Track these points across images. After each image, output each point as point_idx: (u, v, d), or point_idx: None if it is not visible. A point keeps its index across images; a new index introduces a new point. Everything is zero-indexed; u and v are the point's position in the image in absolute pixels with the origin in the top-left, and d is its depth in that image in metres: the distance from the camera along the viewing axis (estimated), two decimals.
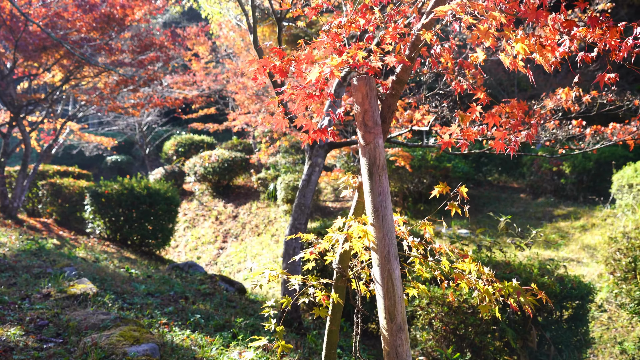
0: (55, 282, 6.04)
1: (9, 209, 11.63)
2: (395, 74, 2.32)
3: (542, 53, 1.92)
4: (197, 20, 24.65)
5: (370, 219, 2.12)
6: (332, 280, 2.67)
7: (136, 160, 24.66)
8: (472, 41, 1.95)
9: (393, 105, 2.35)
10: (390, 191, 7.05)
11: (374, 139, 2.14)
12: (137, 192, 11.38)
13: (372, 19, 2.41)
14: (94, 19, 10.08)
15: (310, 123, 2.41)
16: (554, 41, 2.15)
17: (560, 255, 11.89)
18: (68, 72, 11.18)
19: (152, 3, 10.65)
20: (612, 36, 2.05)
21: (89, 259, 8.73)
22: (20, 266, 6.94)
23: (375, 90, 2.18)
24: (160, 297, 6.64)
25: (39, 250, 8.34)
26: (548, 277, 5.79)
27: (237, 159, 18.10)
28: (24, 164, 11.85)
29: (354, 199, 2.49)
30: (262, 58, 5.72)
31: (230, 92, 18.48)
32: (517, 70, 2.30)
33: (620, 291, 8.87)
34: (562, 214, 14.49)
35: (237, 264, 15.00)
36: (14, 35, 9.70)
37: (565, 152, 6.39)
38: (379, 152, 2.14)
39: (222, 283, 8.30)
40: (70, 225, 12.97)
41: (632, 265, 8.60)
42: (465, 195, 2.68)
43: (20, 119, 11.66)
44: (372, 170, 2.13)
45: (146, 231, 11.61)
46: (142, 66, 11.05)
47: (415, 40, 2.24)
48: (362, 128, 2.18)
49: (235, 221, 17.27)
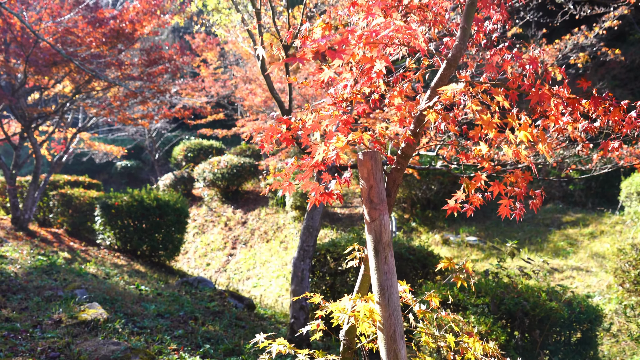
0: (66, 306, 6.12)
1: (20, 220, 11.74)
2: (400, 149, 2.35)
3: (544, 141, 1.94)
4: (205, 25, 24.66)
5: (376, 297, 2.16)
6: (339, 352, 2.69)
7: (146, 166, 24.79)
8: (475, 135, 1.98)
9: (398, 180, 2.38)
10: (398, 198, 7.04)
11: (380, 215, 2.18)
12: (147, 203, 11.46)
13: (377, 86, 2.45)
14: (103, 34, 10.16)
15: (316, 186, 2.45)
16: (558, 114, 2.18)
17: (569, 264, 11.87)
18: (78, 86, 11.27)
19: (160, 17, 10.71)
20: (614, 115, 2.08)
21: (100, 275, 8.82)
22: (31, 287, 7.03)
23: (380, 165, 2.21)
24: (170, 319, 6.71)
25: (50, 266, 8.44)
26: (556, 301, 5.80)
27: (246, 164, 18.18)
28: (35, 175, 11.97)
29: (360, 272, 2.53)
30: (269, 82, 5.66)
31: (238, 99, 18.54)
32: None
33: (630, 303, 8.87)
34: (570, 220, 14.45)
35: (246, 270, 15.07)
36: (25, 50, 9.80)
37: (572, 175, 6.39)
38: (384, 228, 2.17)
39: (232, 299, 8.36)
40: (80, 236, 13.08)
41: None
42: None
43: (31, 131, 11.77)
44: (378, 248, 2.17)
45: (156, 242, 11.71)
46: (151, 79, 11.12)
47: (420, 116, 2.27)
48: (367, 204, 2.21)
49: (244, 227, 17.34)
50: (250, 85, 17.05)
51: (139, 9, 10.48)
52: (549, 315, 5.57)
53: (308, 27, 2.49)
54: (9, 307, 6.09)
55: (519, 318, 5.58)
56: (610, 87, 17.71)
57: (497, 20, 2.59)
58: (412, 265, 7.68)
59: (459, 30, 2.21)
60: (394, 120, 2.61)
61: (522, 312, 5.56)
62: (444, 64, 2.25)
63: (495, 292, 5.69)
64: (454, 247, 13.25)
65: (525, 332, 5.68)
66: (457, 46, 2.22)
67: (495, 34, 2.73)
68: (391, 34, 1.81)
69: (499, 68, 2.22)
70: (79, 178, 15.27)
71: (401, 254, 7.66)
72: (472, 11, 2.21)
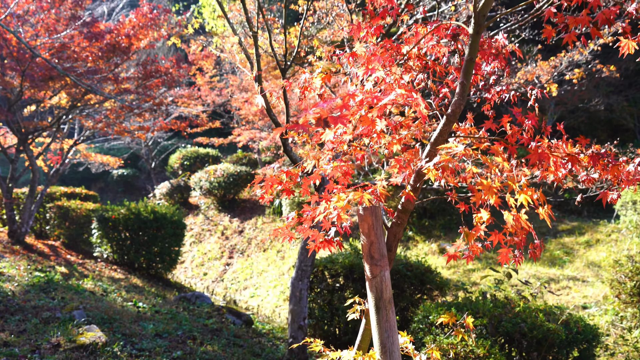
0: (64, 329, 6.11)
1: (17, 234, 11.72)
2: (400, 204, 2.37)
3: (545, 205, 1.97)
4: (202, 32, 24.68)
5: (378, 354, 2.17)
6: None
7: (142, 174, 24.75)
8: (477, 201, 2.00)
9: (399, 234, 2.40)
10: (393, 207, 7.00)
11: (381, 272, 2.19)
12: (144, 216, 11.46)
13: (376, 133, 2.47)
14: (100, 48, 10.15)
15: (316, 234, 2.47)
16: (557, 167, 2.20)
17: (565, 274, 11.91)
18: (74, 99, 11.26)
19: (157, 31, 10.71)
20: (613, 171, 2.10)
21: (97, 291, 8.81)
22: (29, 307, 7.02)
23: (381, 220, 2.23)
24: (169, 339, 6.71)
25: (47, 283, 8.43)
26: (553, 322, 5.82)
27: (243, 173, 18.18)
28: (32, 189, 11.95)
29: (361, 326, 2.54)
30: (268, 102, 5.68)
31: (234, 108, 18.55)
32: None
33: (626, 315, 8.91)
34: (566, 229, 14.50)
35: (243, 280, 15.07)
36: (21, 65, 9.78)
37: (568, 197, 6.43)
38: (385, 285, 2.19)
39: (230, 315, 8.36)
40: (78, 248, 13.06)
41: (637, 289, 8.64)
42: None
43: (27, 145, 11.75)
44: (379, 305, 2.19)
45: (153, 255, 11.70)
46: (147, 93, 11.12)
47: (419, 171, 2.29)
48: (368, 260, 2.23)
49: (241, 236, 17.34)
50: (246, 94, 17.05)
51: (135, 23, 10.48)
52: (547, 336, 5.59)
53: (308, 77, 2.51)
54: (7, 329, 6.08)
55: (517, 340, 5.61)
56: (605, 93, 17.77)
57: (495, 67, 2.61)
58: (409, 282, 7.70)
59: (458, 86, 2.23)
60: (393, 165, 2.63)
61: (520, 334, 5.58)
62: (444, 119, 2.27)
63: (493, 313, 5.71)
64: None
65: (524, 353, 5.70)
66: (456, 102, 2.24)
67: (493, 76, 2.75)
68: (393, 100, 1.83)
69: (497, 124, 2.25)
70: (75, 190, 15.25)
71: (398, 270, 7.68)
72: (471, 67, 2.23)
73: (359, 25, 2.52)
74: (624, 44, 2.13)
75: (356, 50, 2.45)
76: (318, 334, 8.08)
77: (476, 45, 2.21)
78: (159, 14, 10.79)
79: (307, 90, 2.50)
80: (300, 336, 6.57)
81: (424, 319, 6.08)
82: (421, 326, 6.08)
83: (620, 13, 2.11)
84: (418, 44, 2.46)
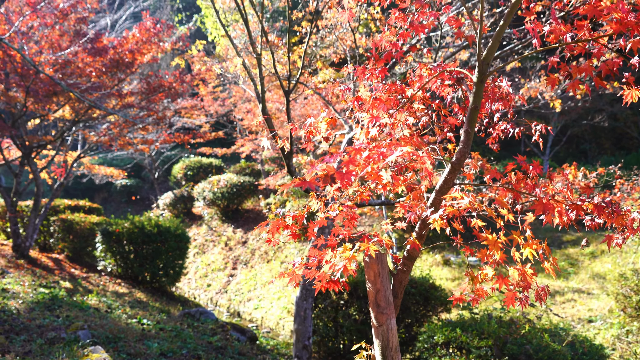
0: (69, 350, 6.12)
1: (21, 248, 11.75)
2: (406, 250, 2.38)
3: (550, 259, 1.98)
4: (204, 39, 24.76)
5: None
6: None
7: (145, 184, 24.80)
8: (482, 257, 2.01)
9: (405, 280, 2.41)
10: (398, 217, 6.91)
11: (387, 320, 2.20)
12: (148, 230, 11.48)
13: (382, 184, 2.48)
14: (103, 63, 10.20)
15: (322, 274, 2.48)
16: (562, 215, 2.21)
17: (570, 286, 11.89)
18: (78, 113, 11.31)
19: (160, 45, 10.76)
20: (618, 221, 2.11)
21: (102, 308, 8.83)
22: (34, 326, 7.03)
23: (387, 268, 2.24)
24: (173, 358, 6.71)
25: (52, 300, 8.45)
26: (559, 343, 5.81)
27: (246, 183, 18.20)
28: (36, 203, 11.98)
29: None
30: (270, 125, 5.67)
31: (237, 118, 18.60)
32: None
33: (632, 328, 8.90)
34: (570, 239, 14.49)
35: (247, 292, 15.06)
36: (25, 81, 9.83)
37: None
38: (391, 333, 2.20)
39: (234, 332, 8.36)
40: (81, 261, 13.09)
41: None
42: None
43: (31, 159, 11.80)
44: (386, 354, 2.20)
45: (157, 268, 11.72)
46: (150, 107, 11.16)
47: (425, 219, 2.30)
48: (374, 308, 2.24)
49: (245, 247, 17.34)
50: (249, 104, 17.09)
51: (139, 38, 10.52)
52: (552, 358, 5.58)
53: (312, 121, 2.52)
54: (12, 350, 6.09)
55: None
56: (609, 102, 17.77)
57: (498, 109, 2.62)
58: (414, 299, 7.69)
59: (463, 134, 2.25)
60: (398, 211, 2.63)
61: (526, 356, 5.57)
62: (449, 167, 2.28)
63: (498, 335, 5.71)
64: (454, 268, 13.26)
65: None
66: (461, 150, 2.25)
67: (497, 114, 2.76)
68: (399, 159, 1.85)
69: (502, 173, 2.26)
70: (79, 202, 15.28)
71: None
72: (476, 115, 2.24)
73: (363, 68, 2.53)
74: (627, 93, 2.14)
75: (361, 95, 2.46)
76: (323, 350, 8.08)
77: (480, 93, 2.22)
78: (161, 29, 10.83)
79: (311, 134, 2.51)
80: (304, 356, 6.58)
81: (428, 339, 6.08)
82: (426, 346, 6.08)
83: (624, 64, 2.12)
84: (423, 87, 2.48)
